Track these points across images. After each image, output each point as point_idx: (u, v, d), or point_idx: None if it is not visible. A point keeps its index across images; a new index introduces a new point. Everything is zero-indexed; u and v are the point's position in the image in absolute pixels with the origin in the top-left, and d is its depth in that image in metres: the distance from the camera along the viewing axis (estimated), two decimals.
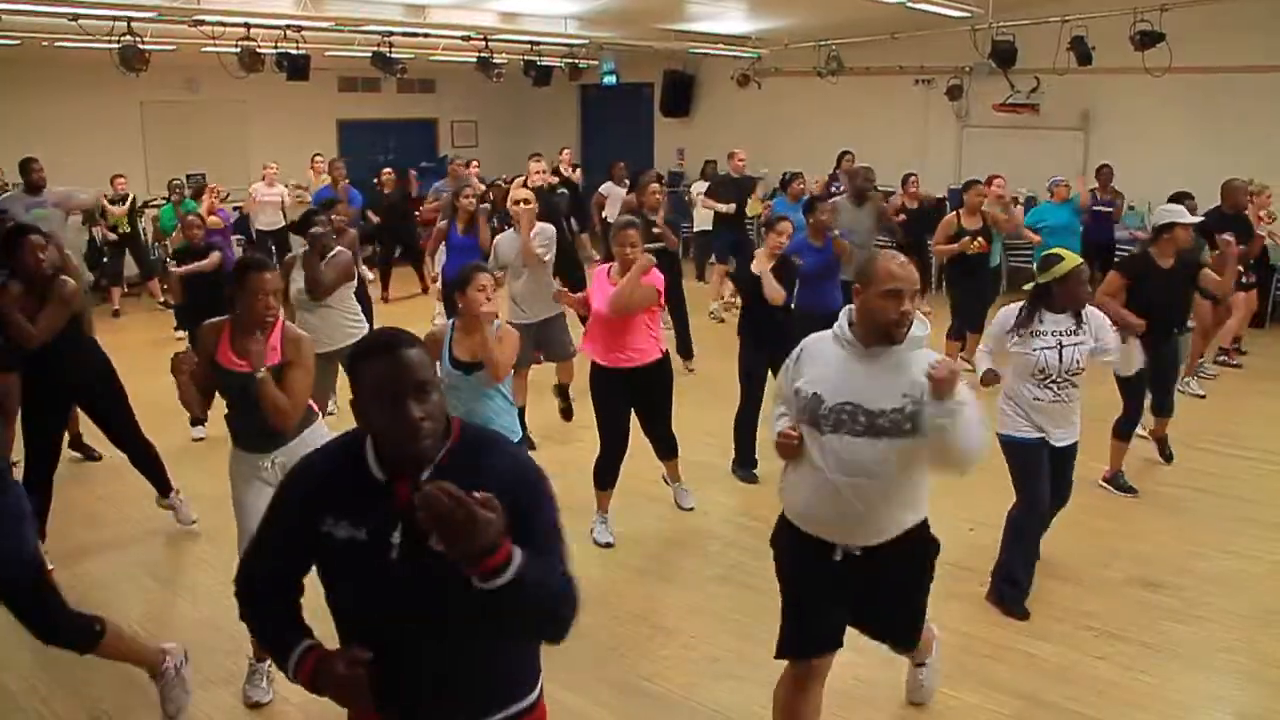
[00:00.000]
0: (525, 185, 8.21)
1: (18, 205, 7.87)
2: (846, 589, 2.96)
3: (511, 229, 6.47)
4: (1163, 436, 6.17)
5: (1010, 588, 4.35)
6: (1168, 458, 6.18)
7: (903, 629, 3.21)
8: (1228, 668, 3.96)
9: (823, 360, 2.88)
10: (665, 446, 5.36)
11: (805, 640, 3.00)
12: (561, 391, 6.72)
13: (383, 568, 1.87)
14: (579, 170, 11.15)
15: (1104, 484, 5.69)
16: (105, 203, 10.63)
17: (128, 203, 10.90)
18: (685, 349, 8.29)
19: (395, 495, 1.87)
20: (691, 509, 5.52)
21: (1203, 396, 7.52)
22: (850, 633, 3.06)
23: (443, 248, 7.80)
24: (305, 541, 1.95)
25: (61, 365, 4.84)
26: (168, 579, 4.90)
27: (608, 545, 5.05)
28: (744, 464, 5.93)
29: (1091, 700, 3.68)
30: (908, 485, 2.86)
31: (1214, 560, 4.87)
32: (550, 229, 6.44)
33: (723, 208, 10.17)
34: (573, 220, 9.09)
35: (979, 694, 3.72)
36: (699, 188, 11.43)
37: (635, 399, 5.09)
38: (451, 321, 4.27)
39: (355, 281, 6.01)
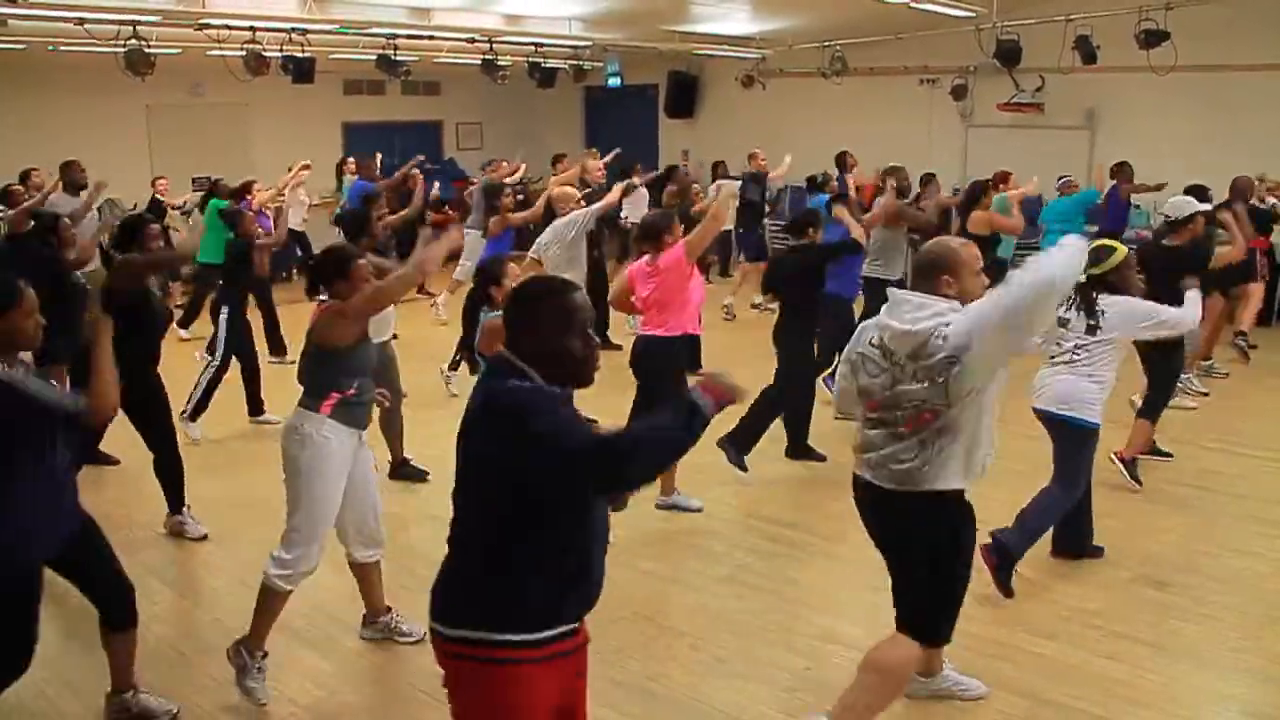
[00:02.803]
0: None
1: (63, 208, 8.06)
2: None
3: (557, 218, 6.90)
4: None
5: (1012, 555, 4.34)
6: (1163, 455, 6.15)
7: None
8: (1235, 666, 3.95)
9: None
10: None
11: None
12: None
13: None
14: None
15: (1115, 459, 5.57)
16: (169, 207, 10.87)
17: (184, 204, 10.99)
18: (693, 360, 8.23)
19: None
20: (700, 509, 5.51)
21: (1206, 394, 7.50)
22: (861, 633, 3.08)
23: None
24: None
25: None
26: (176, 582, 4.91)
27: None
28: (742, 450, 5.80)
29: (1098, 699, 3.67)
30: None
31: (1221, 559, 4.86)
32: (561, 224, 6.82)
33: (785, 163, 11.12)
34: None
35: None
36: (717, 186, 11.67)
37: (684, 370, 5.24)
38: (490, 315, 4.12)
39: None
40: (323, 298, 3.86)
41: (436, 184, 12.25)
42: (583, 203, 6.98)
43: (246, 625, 3.78)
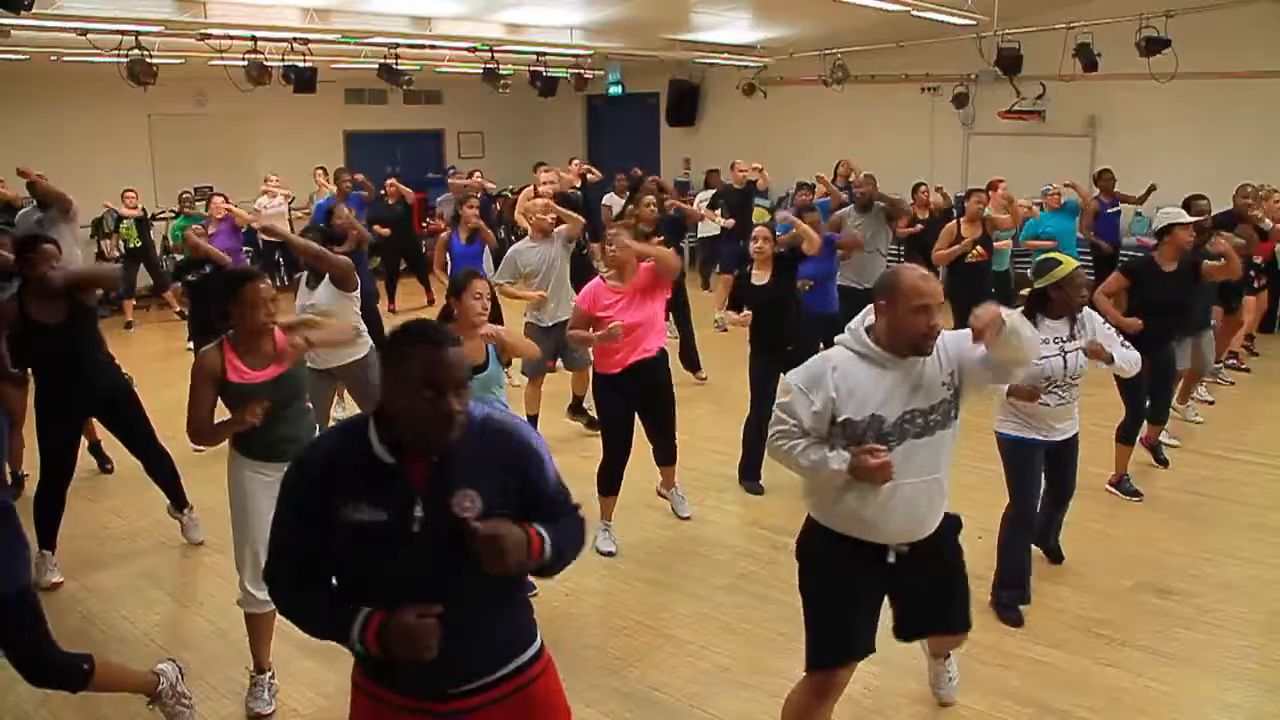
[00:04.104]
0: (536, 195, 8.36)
1: (30, 221, 7.99)
2: (886, 591, 3.08)
3: (527, 237, 6.54)
4: (1155, 443, 6.13)
5: (1005, 593, 4.33)
6: (1163, 463, 6.15)
7: (960, 610, 3.23)
8: (1240, 674, 3.94)
9: (860, 383, 2.86)
10: (666, 450, 5.35)
11: (844, 648, 3.03)
12: (577, 407, 6.78)
13: (406, 543, 2.02)
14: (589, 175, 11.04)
15: (1110, 488, 5.67)
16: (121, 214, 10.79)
17: (137, 216, 10.94)
18: (692, 362, 8.23)
19: (409, 476, 2.03)
20: (689, 517, 5.51)
21: (1211, 402, 7.49)
22: None
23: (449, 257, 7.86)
24: (324, 525, 2.04)
25: (77, 376, 4.86)
26: (176, 590, 4.90)
27: (610, 554, 5.05)
28: (751, 475, 5.90)
29: (1103, 708, 3.66)
30: (948, 472, 2.99)
31: (1224, 566, 4.85)
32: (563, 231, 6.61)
33: (723, 222, 10.29)
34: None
35: (989, 701, 3.71)
36: (704, 197, 11.59)
37: (638, 398, 5.11)
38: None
39: (358, 295, 5.69)
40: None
41: (442, 197, 12.32)
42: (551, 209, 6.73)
43: (247, 634, 3.79)
